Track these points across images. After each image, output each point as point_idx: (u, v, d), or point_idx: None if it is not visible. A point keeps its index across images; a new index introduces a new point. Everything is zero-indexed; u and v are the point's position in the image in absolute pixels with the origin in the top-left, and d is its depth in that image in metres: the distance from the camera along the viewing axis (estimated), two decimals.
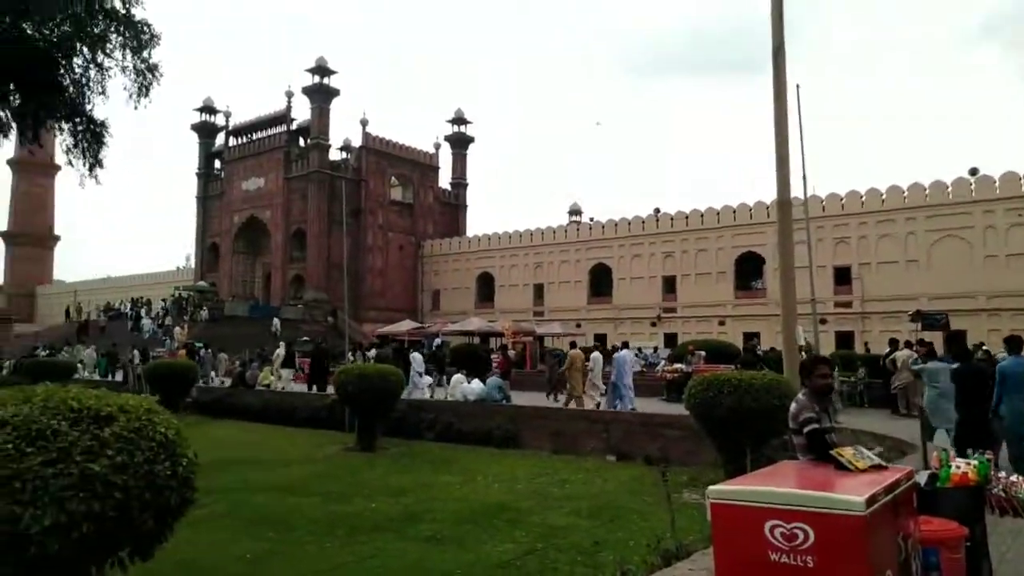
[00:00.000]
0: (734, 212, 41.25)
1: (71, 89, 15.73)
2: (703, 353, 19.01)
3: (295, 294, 50.85)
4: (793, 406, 4.21)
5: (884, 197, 36.66)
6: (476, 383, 15.42)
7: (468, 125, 60.57)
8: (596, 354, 15.91)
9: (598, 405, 15.01)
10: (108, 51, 15.22)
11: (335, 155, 53.00)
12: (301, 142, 52.56)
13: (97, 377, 26.26)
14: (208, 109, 58.82)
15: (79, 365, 26.51)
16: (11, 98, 14.41)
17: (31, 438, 2.68)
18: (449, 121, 60.48)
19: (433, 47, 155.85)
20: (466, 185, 60.65)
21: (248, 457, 12.58)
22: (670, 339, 40.19)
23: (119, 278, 73.36)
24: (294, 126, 52.64)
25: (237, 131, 56.75)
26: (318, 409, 16.64)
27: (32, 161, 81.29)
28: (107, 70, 15.67)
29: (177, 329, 36.43)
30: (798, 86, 12.41)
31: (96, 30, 14.53)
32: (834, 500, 2.86)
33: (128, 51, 15.39)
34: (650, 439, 12.71)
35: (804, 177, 12.20)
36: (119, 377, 25.69)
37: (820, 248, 35.31)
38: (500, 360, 16.40)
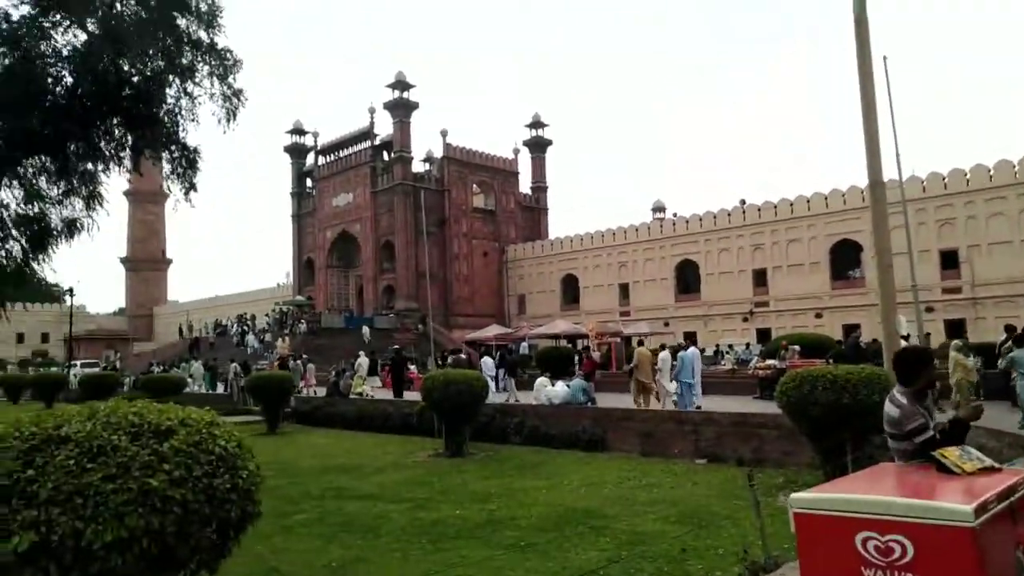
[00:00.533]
0: (826, 199, 39.34)
1: (166, 120, 16.72)
2: (797, 348, 18.05)
3: (387, 304, 52.20)
4: (893, 410, 3.81)
5: (992, 173, 34.00)
6: (560, 385, 15.22)
7: (545, 128, 60.57)
8: (664, 353, 15.50)
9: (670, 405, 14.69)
10: (197, 81, 16.06)
11: (419, 167, 54.17)
12: (385, 156, 53.97)
13: (205, 391, 27.71)
14: (298, 131, 61.35)
15: (189, 379, 28.09)
16: (115, 132, 15.36)
17: (92, 454, 2.73)
18: (527, 126, 60.68)
19: (508, 52, 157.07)
20: (546, 188, 60.62)
21: (342, 464, 12.86)
22: (763, 335, 38.71)
23: (226, 296, 77.41)
24: (377, 141, 54.11)
25: (325, 150, 58.89)
26: (409, 416, 16.87)
27: (144, 190, 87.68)
28: (196, 99, 16.57)
29: (279, 342, 37.99)
30: (885, 58, 11.59)
31: (185, 61, 15.32)
32: (937, 509, 2.52)
33: (215, 79, 16.18)
34: (743, 440, 12.15)
35: (897, 155, 11.42)
36: (221, 389, 27.03)
37: (922, 232, 33.20)
38: (586, 362, 16.11)
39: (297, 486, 10.65)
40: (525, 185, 60.00)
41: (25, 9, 13.43)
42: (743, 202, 44.36)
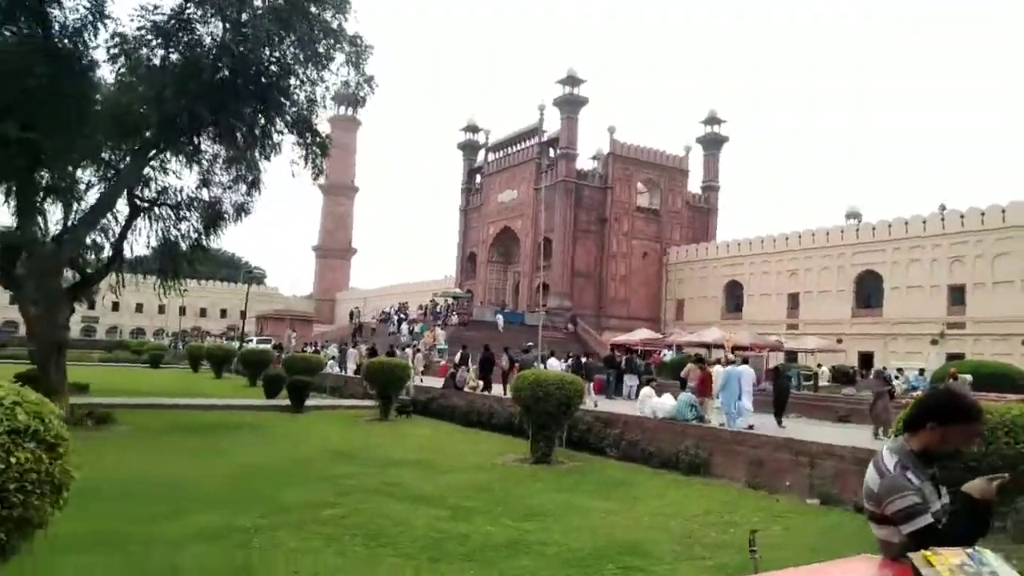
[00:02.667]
0: None
1: (305, 105, 17.45)
2: (969, 378, 15.08)
3: (541, 301, 52.17)
4: (873, 476, 2.53)
5: None
6: (667, 398, 13.82)
7: (722, 124, 57.37)
8: (718, 367, 14.41)
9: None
10: (333, 69, 16.58)
11: (586, 164, 53.50)
12: (552, 153, 53.88)
13: (341, 372, 29.05)
14: (471, 128, 63.22)
15: (330, 361, 29.75)
16: (254, 117, 16.24)
17: None
18: (702, 122, 57.96)
19: (685, 45, 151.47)
20: (717, 188, 57.46)
21: (420, 459, 12.53)
22: (956, 360, 33.57)
23: (398, 285, 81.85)
24: (545, 138, 54.15)
25: (495, 147, 60.10)
26: (513, 415, 16.30)
27: (337, 184, 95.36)
28: (329, 87, 17.13)
29: (427, 332, 39.17)
30: None
31: (321, 49, 15.83)
32: None
33: (350, 66, 16.63)
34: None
35: None
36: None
37: None
38: (700, 374, 14.56)
39: (359, 477, 10.42)
40: (696, 184, 57.30)
41: (174, 1, 14.54)
42: (943, 207, 38.89)
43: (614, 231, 51.94)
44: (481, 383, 20.61)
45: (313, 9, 14.87)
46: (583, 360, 21.51)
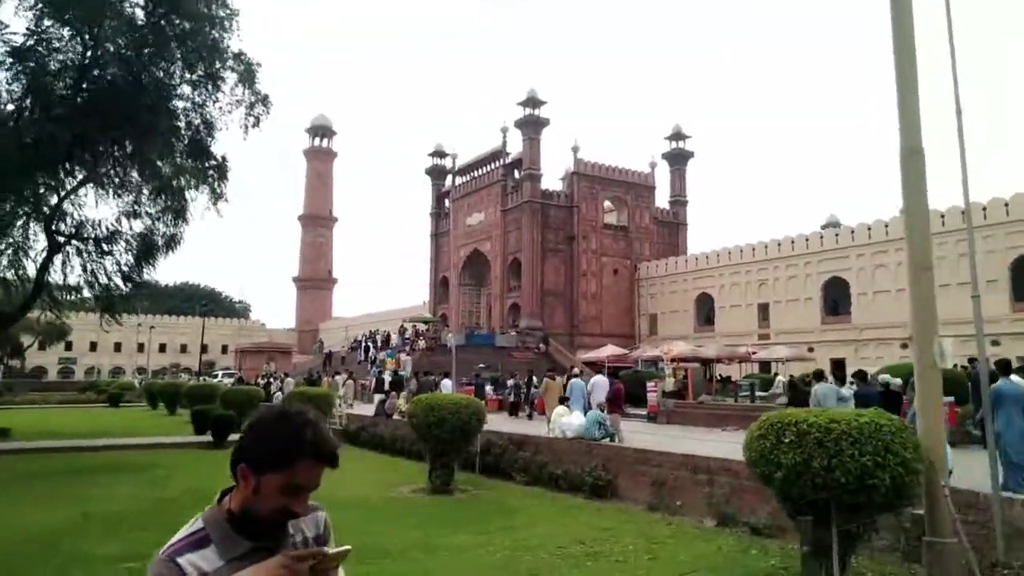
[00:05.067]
0: (1006, 206, 32.95)
1: (202, 128, 16.84)
2: (898, 381, 14.35)
3: (513, 322, 51.44)
4: None
5: None
6: (576, 416, 13.07)
7: (687, 140, 57.20)
8: (598, 377, 14.51)
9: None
10: (226, 90, 16.01)
11: (553, 184, 53.07)
12: (517, 174, 53.49)
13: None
14: (438, 153, 62.93)
15: (277, 394, 28.92)
16: (129, 141, 15.60)
17: None
18: (667, 138, 57.75)
19: (645, 63, 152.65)
20: (685, 202, 57.10)
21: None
22: None
23: (378, 313, 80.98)
24: (508, 160, 53.80)
25: (461, 170, 59.65)
26: None
27: (315, 215, 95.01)
28: (225, 110, 16.55)
29: (391, 359, 38.35)
30: None
31: (207, 68, 15.26)
32: None
33: (243, 86, 16.05)
34: (765, 500, 9.43)
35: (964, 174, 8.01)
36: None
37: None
38: (615, 387, 13.83)
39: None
40: (664, 199, 56.95)
41: (29, 16, 13.90)
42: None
43: (582, 249, 51.41)
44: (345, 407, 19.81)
45: (187, 25, 14.27)
46: (481, 377, 20.97)
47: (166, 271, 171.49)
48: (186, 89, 15.58)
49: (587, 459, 12.13)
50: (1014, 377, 9.24)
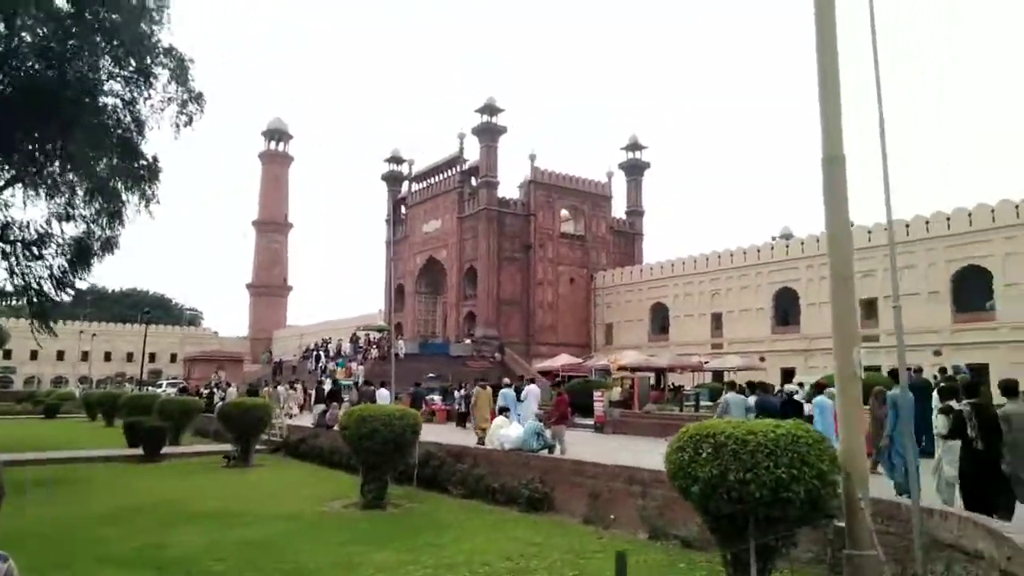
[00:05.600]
0: (948, 219, 33.92)
1: (132, 127, 16.18)
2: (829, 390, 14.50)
3: (468, 331, 51.06)
4: None
5: None
6: (515, 427, 12.84)
7: (643, 151, 57.71)
8: (531, 387, 15.16)
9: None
10: (157, 87, 15.41)
11: (511, 192, 52.87)
12: (474, 182, 53.22)
13: None
14: (396, 159, 62.36)
15: (219, 403, 28.09)
16: (51, 139, 14.91)
17: None
18: (624, 148, 58.20)
19: (603, 75, 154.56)
20: (642, 213, 57.56)
21: (233, 511, 11.24)
22: (871, 372, 33.56)
23: (333, 321, 79.68)
24: (466, 167, 53.52)
25: (418, 177, 59.25)
26: None
27: (270, 221, 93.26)
28: (157, 108, 15.94)
29: (342, 368, 37.67)
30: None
31: (138, 63, 14.67)
32: None
33: (175, 83, 15.47)
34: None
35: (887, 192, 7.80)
36: None
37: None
38: (558, 398, 13.65)
39: (119, 542, 9.07)
40: (621, 210, 57.29)
41: None
42: (851, 224, 39.27)
43: (539, 258, 51.36)
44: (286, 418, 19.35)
45: (114, 17, 13.68)
46: (422, 387, 20.81)
47: (112, 276, 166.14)
48: (115, 85, 14.95)
49: (525, 471, 11.89)
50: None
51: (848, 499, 6.02)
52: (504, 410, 13.71)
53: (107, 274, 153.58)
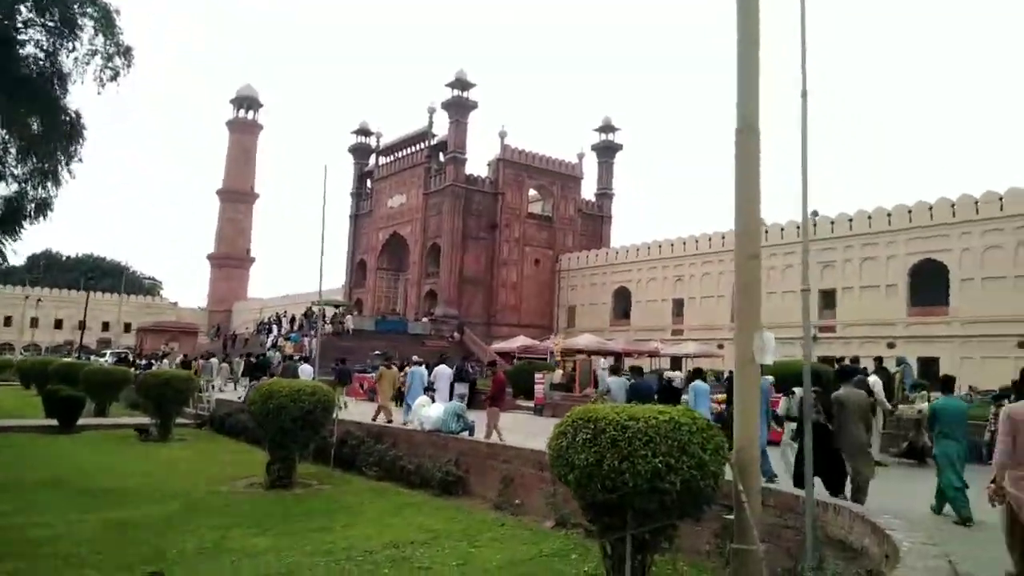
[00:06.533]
0: (910, 212, 33.92)
1: (55, 81, 15.11)
2: (771, 379, 14.17)
3: (428, 309, 50.36)
4: None
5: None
6: (436, 407, 12.29)
7: (616, 132, 57.10)
8: (440, 367, 15.23)
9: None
10: (83, 38, 14.35)
11: (480, 170, 51.98)
12: (442, 157, 52.22)
13: None
14: (363, 131, 60.99)
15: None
16: None
17: None
18: (596, 129, 57.48)
19: (578, 55, 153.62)
20: (611, 196, 57.04)
21: (130, 488, 10.59)
22: (827, 362, 33.64)
23: (296, 295, 78.22)
24: (434, 142, 52.49)
25: (385, 150, 58.04)
26: None
27: (235, 190, 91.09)
28: (82, 61, 14.88)
29: (291, 343, 36.83)
30: None
31: (68, 12, 13.59)
32: None
33: (101, 34, 14.41)
34: None
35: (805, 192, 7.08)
36: None
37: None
38: (495, 377, 13.11)
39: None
40: (590, 191, 56.73)
41: None
42: (815, 214, 39.19)
43: (505, 237, 50.68)
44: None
45: None
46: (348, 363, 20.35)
47: (68, 242, 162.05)
48: (35, 34, 13.83)
49: (443, 453, 11.37)
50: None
51: (735, 491, 5.57)
52: (428, 389, 13.13)
53: (63, 240, 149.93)
